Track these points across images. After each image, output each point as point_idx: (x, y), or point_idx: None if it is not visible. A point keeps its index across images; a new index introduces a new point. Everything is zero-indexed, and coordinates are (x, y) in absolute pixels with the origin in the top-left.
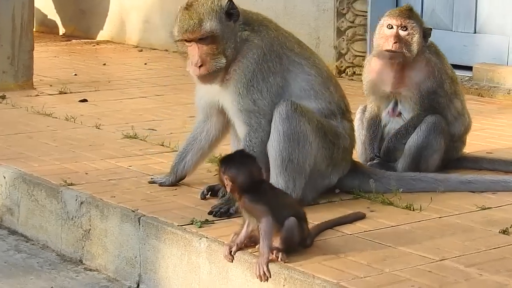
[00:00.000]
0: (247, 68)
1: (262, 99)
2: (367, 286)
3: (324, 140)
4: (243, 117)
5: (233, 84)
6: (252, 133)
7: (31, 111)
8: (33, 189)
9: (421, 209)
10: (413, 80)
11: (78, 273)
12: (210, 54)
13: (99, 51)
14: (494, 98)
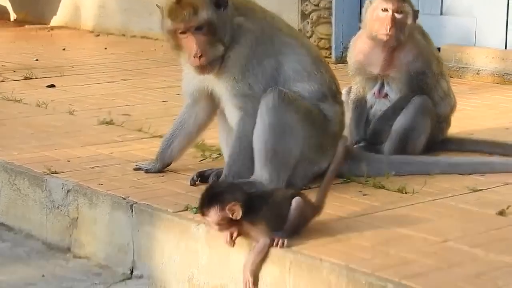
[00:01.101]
0: (241, 53)
1: (258, 83)
2: (376, 268)
3: (312, 128)
4: (238, 102)
5: (228, 70)
6: (247, 118)
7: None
8: (15, 178)
9: (413, 192)
10: (402, 62)
11: (68, 261)
12: (208, 43)
13: (55, 36)
14: (463, 79)
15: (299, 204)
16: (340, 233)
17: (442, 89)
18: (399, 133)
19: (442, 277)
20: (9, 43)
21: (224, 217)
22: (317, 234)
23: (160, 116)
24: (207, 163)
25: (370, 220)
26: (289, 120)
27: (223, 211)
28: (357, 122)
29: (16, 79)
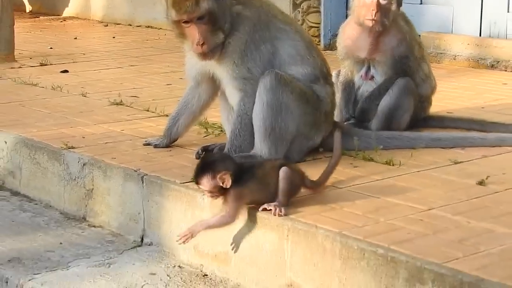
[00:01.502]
0: (240, 39)
1: (256, 67)
2: (367, 234)
3: (307, 107)
4: (238, 84)
5: (228, 55)
6: (247, 99)
7: (18, 81)
8: (35, 153)
9: (400, 164)
10: (387, 46)
11: (84, 229)
12: (209, 31)
13: (67, 26)
14: (441, 64)
15: (286, 173)
16: (333, 202)
17: (424, 71)
18: (385, 112)
19: (427, 243)
20: (25, 33)
21: (215, 185)
22: (312, 203)
23: (165, 97)
24: (210, 138)
25: (361, 190)
26: (285, 99)
27: (214, 179)
28: (346, 102)
29: (33, 65)
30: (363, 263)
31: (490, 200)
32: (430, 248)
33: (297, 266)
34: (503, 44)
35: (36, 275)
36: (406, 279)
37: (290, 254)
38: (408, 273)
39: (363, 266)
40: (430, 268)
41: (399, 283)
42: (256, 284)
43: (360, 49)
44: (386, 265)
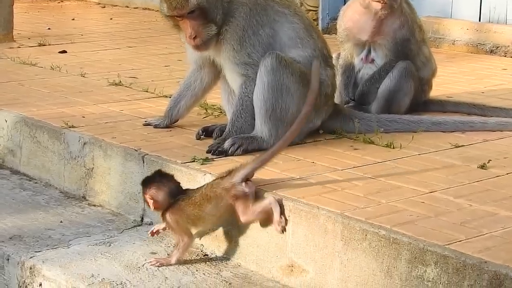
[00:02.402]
0: (237, 26)
1: (255, 52)
2: (369, 215)
3: (307, 88)
4: (240, 70)
5: (227, 42)
6: (248, 82)
7: (17, 61)
8: (35, 132)
9: (401, 147)
10: (389, 29)
11: (83, 208)
12: (201, 25)
13: (64, 8)
14: (440, 49)
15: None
16: (334, 183)
17: (424, 55)
18: (385, 95)
19: (430, 225)
20: (23, 14)
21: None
22: (313, 184)
23: (164, 78)
24: (210, 119)
25: (362, 172)
26: (285, 81)
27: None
28: (346, 84)
29: (31, 45)
30: (365, 244)
31: (491, 184)
32: (433, 230)
33: (298, 247)
34: (502, 29)
35: (37, 253)
36: (408, 261)
37: (291, 235)
38: (411, 255)
39: (365, 247)
40: (433, 250)
41: (401, 265)
42: (256, 265)
43: (362, 32)
44: (388, 247)
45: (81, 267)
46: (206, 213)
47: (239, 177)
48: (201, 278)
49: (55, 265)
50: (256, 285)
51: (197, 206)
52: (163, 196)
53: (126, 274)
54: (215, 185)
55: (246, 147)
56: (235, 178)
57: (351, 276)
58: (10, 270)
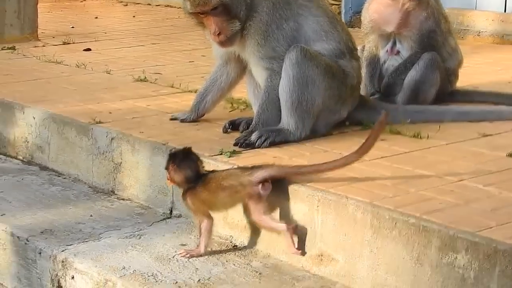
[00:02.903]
0: (260, 21)
1: (280, 46)
2: (398, 205)
3: (332, 81)
4: (265, 64)
5: (251, 37)
6: (274, 76)
7: (43, 59)
8: (63, 128)
9: (428, 137)
10: (415, 21)
11: (113, 202)
12: (224, 21)
13: (87, 6)
14: (465, 40)
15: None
16: (362, 173)
17: (450, 45)
18: (411, 86)
19: (459, 212)
20: (46, 13)
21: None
22: (342, 175)
23: (189, 74)
24: (236, 113)
25: (389, 162)
26: (311, 73)
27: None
28: (371, 76)
29: (56, 44)
30: (395, 232)
31: None
32: (462, 217)
33: (327, 237)
34: None
35: (69, 246)
36: (438, 248)
37: (321, 225)
38: (441, 242)
39: (395, 235)
40: (464, 237)
41: (432, 252)
42: (286, 254)
43: (388, 23)
44: (418, 235)
45: (113, 259)
46: (219, 201)
47: (258, 177)
48: (231, 268)
49: (86, 258)
50: (286, 274)
51: (212, 193)
52: (180, 178)
53: (157, 265)
54: (233, 177)
55: (273, 139)
56: (254, 177)
57: (381, 264)
58: (42, 263)
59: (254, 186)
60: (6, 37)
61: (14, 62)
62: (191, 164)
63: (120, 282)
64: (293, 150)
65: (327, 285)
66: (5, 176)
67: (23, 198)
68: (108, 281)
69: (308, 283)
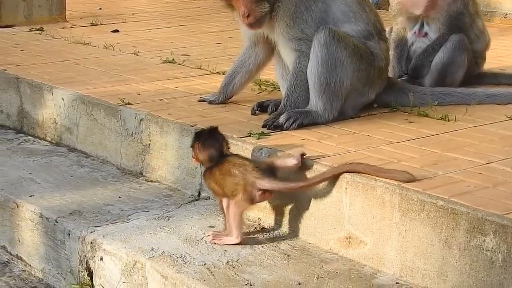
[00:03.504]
0: (289, 2)
1: (309, 27)
2: (426, 187)
3: (360, 62)
4: (293, 45)
5: (280, 18)
6: (302, 57)
7: (71, 41)
8: (92, 109)
9: (455, 119)
10: (443, 3)
11: (141, 184)
12: (253, 3)
13: None
14: (492, 22)
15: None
16: (390, 156)
17: (478, 27)
18: (439, 68)
19: (488, 195)
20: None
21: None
22: (370, 157)
23: (216, 56)
24: (264, 95)
25: (417, 144)
26: (339, 55)
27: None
28: (399, 58)
29: (84, 25)
30: (423, 215)
31: None
32: (491, 200)
33: (355, 219)
34: None
35: (98, 227)
36: (467, 231)
37: (349, 207)
38: (469, 225)
39: (423, 218)
40: (492, 219)
41: (460, 235)
42: (314, 237)
43: (415, 6)
44: (447, 217)
45: (141, 241)
46: (226, 184)
47: (262, 185)
48: (259, 250)
49: (115, 239)
50: (314, 257)
51: (222, 175)
52: (204, 157)
53: (185, 247)
54: (243, 168)
55: (301, 121)
56: (259, 183)
57: (409, 247)
58: (71, 244)
59: (253, 190)
60: (34, 18)
61: (42, 43)
62: (215, 143)
63: (149, 263)
64: (321, 132)
65: (355, 267)
66: (34, 157)
67: (51, 180)
68: (136, 263)
69: (336, 266)
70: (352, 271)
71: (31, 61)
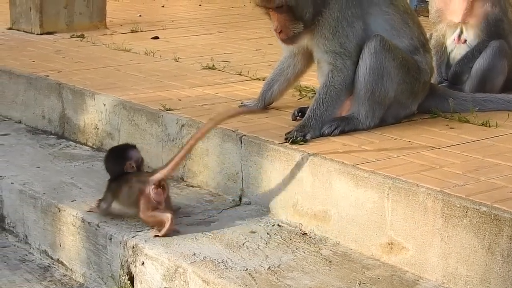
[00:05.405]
0: (331, 16)
1: (349, 42)
2: (469, 193)
3: (407, 75)
4: (329, 58)
5: (320, 30)
6: (336, 72)
7: (112, 47)
8: (133, 115)
9: (497, 125)
10: (481, 10)
11: (182, 189)
12: (288, 20)
13: None
14: None
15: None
16: (432, 162)
17: None
18: (479, 74)
19: None
20: (114, 2)
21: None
22: (411, 162)
23: (256, 62)
24: (304, 101)
25: (459, 150)
26: (387, 65)
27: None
28: (439, 65)
29: (124, 32)
30: (466, 221)
31: None
32: None
33: (397, 225)
34: None
35: (139, 232)
36: (510, 237)
37: (391, 213)
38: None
39: (466, 224)
40: None
41: (503, 241)
42: (356, 243)
43: (454, 13)
44: (490, 223)
45: (183, 246)
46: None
47: (153, 179)
48: (301, 256)
49: (157, 244)
50: (356, 263)
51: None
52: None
53: (227, 252)
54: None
55: (343, 128)
56: (151, 179)
57: (452, 253)
58: (112, 249)
59: (147, 186)
60: (75, 25)
61: (83, 50)
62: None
63: (191, 268)
64: (362, 138)
65: (397, 274)
66: (75, 162)
67: (93, 184)
68: (178, 268)
69: (378, 272)
70: (394, 278)
71: (72, 67)
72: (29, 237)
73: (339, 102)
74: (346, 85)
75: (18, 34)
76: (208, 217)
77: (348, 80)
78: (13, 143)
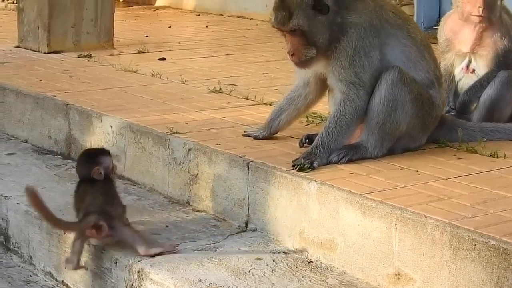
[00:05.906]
0: (348, 45)
1: (364, 72)
2: (477, 225)
3: (420, 110)
4: (343, 87)
5: (336, 57)
6: (348, 102)
7: (119, 68)
8: (140, 137)
9: (505, 156)
10: (490, 40)
11: (188, 214)
12: (301, 44)
13: (160, 15)
14: None
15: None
16: (440, 193)
17: None
18: (487, 104)
19: None
20: (121, 22)
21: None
22: (419, 193)
23: (263, 86)
24: (312, 127)
25: (467, 181)
26: (402, 98)
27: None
28: (446, 94)
29: (131, 52)
30: (474, 254)
31: None
32: None
33: (405, 256)
34: None
35: (145, 257)
36: None
37: (398, 243)
38: None
39: (474, 257)
40: None
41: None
42: (362, 272)
43: (463, 43)
44: (498, 257)
45: (188, 271)
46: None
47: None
48: (307, 285)
49: (162, 269)
50: None
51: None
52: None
53: (233, 279)
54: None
55: (351, 157)
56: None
57: (460, 286)
58: (117, 273)
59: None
60: (82, 44)
61: (90, 70)
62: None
63: None
64: (369, 167)
65: None
66: None
67: None
68: None
69: None
70: None
71: (79, 88)
72: (33, 258)
73: (349, 132)
74: (358, 115)
75: (26, 52)
76: (213, 243)
77: (360, 111)
78: (19, 162)
